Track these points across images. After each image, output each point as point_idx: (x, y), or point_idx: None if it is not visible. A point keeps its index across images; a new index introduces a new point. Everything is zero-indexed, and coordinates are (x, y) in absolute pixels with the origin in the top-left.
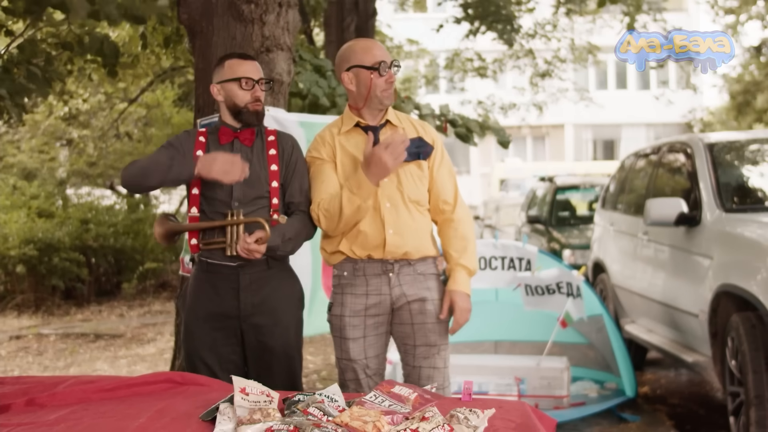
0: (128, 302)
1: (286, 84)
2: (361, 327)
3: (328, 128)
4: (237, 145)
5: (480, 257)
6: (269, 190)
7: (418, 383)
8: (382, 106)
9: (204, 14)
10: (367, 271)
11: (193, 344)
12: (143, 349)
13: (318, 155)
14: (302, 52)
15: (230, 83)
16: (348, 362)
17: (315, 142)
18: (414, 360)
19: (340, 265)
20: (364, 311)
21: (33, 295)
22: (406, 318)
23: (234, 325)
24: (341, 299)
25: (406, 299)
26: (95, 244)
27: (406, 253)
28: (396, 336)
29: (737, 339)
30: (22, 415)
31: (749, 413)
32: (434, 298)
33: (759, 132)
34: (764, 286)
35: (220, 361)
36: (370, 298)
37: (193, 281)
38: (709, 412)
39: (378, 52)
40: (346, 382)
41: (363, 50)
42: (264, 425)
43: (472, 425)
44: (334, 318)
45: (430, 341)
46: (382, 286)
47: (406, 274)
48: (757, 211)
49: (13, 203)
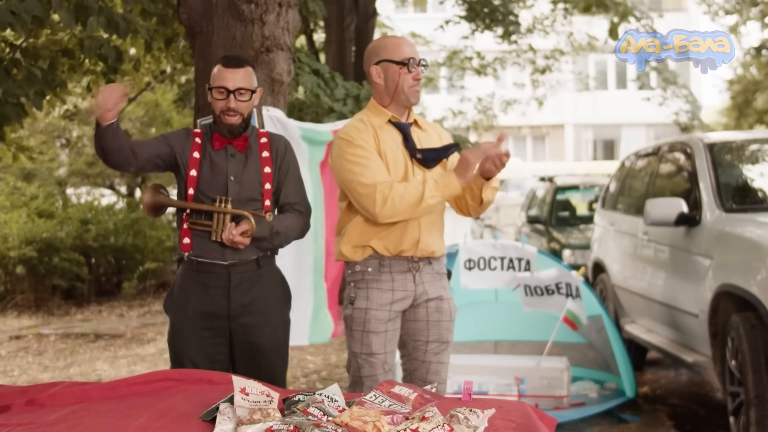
0: (128, 302)
1: (286, 84)
2: (385, 321)
3: (361, 122)
4: (231, 150)
5: (479, 257)
6: (262, 192)
7: (426, 378)
8: (408, 102)
9: (204, 14)
10: (393, 268)
11: (180, 343)
12: (143, 349)
13: (362, 144)
14: (300, 55)
15: (211, 90)
16: (368, 357)
17: (356, 129)
18: (425, 355)
19: (365, 261)
20: (390, 306)
21: (33, 295)
22: (422, 315)
23: (223, 324)
24: (366, 293)
25: (426, 297)
26: (95, 244)
27: (433, 252)
28: (406, 332)
29: (737, 339)
30: (22, 415)
31: (749, 413)
32: (448, 297)
33: (759, 132)
34: (764, 286)
35: (207, 360)
36: (396, 293)
37: (181, 280)
38: (709, 412)
39: (407, 48)
40: (362, 378)
41: (393, 46)
42: (264, 425)
43: (472, 425)
44: (357, 312)
45: (442, 338)
46: (407, 283)
47: (427, 273)
48: (757, 211)
49: (13, 203)
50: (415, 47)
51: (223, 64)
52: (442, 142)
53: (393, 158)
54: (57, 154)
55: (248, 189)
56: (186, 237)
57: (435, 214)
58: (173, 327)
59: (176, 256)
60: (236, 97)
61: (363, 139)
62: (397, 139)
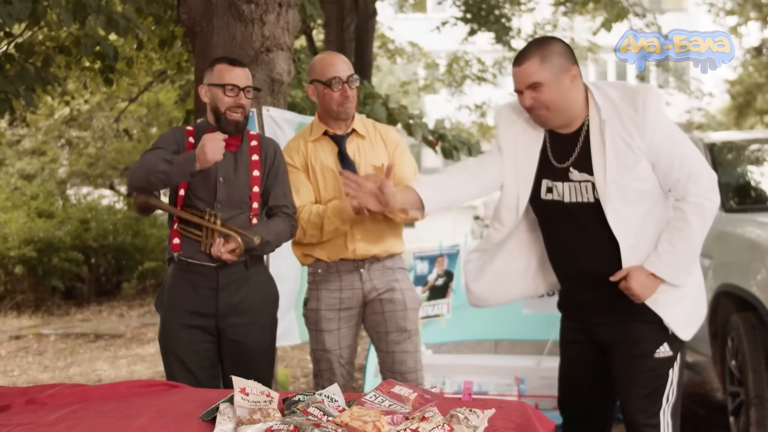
0: (128, 302)
1: (286, 84)
2: (336, 320)
3: (298, 137)
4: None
5: None
6: (250, 194)
7: (392, 368)
8: (340, 118)
9: (204, 14)
10: (340, 269)
11: (170, 341)
12: (143, 349)
13: (292, 162)
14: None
15: (216, 87)
16: (323, 353)
17: (288, 150)
18: (387, 346)
19: (314, 264)
20: (339, 305)
21: (33, 295)
22: (377, 308)
23: (211, 323)
24: (317, 294)
25: (376, 292)
26: (95, 244)
27: (375, 255)
28: (368, 326)
29: (737, 339)
30: (22, 415)
31: (749, 413)
32: (402, 288)
33: (759, 132)
34: (764, 286)
35: (195, 359)
36: (344, 292)
37: (171, 280)
38: (709, 412)
39: (333, 68)
40: (321, 371)
41: (321, 66)
42: (264, 425)
43: (472, 425)
44: (309, 312)
45: (400, 327)
46: (354, 281)
47: (376, 269)
48: (757, 211)
49: (13, 203)
50: (347, 62)
51: (228, 63)
52: (386, 148)
53: (322, 172)
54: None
55: (237, 191)
56: (176, 237)
57: (373, 220)
58: (163, 325)
59: (167, 255)
60: (245, 94)
61: (292, 158)
62: (334, 151)
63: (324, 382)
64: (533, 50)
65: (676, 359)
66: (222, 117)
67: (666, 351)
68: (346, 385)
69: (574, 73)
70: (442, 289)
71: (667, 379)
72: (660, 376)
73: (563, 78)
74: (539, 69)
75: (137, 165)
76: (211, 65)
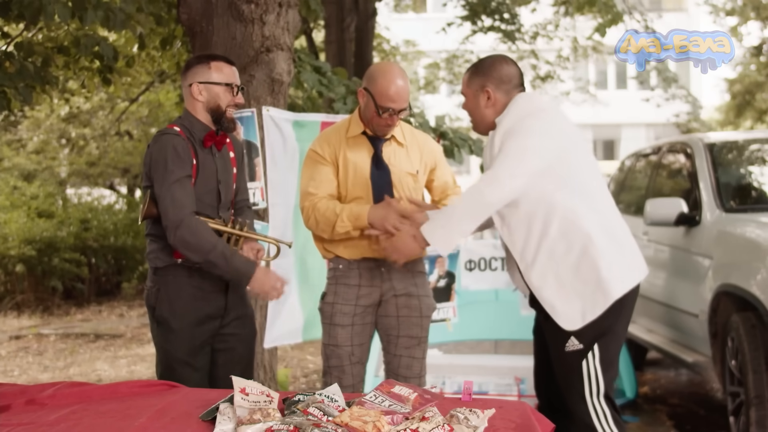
0: (128, 302)
1: (286, 84)
2: (350, 315)
3: (335, 130)
4: (213, 150)
5: (480, 258)
6: (233, 191)
7: (398, 371)
8: (376, 134)
9: (204, 14)
10: (361, 266)
11: (174, 347)
12: (143, 349)
13: (321, 153)
14: (300, 54)
15: (218, 86)
16: (334, 348)
17: (320, 140)
18: (396, 349)
19: (335, 260)
20: (355, 300)
21: (33, 295)
22: (391, 311)
23: (216, 324)
24: (334, 289)
25: (393, 292)
26: (95, 244)
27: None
28: (380, 327)
29: (737, 339)
30: (22, 415)
31: (749, 413)
32: (419, 294)
33: (759, 132)
34: (764, 286)
35: (199, 360)
36: (362, 289)
37: (171, 288)
38: (709, 412)
39: (391, 99)
40: (330, 368)
41: (383, 86)
42: (264, 425)
43: (472, 425)
44: (325, 306)
45: (412, 333)
46: (374, 278)
47: (397, 270)
48: (757, 211)
49: (13, 203)
50: (407, 91)
51: (226, 62)
52: (421, 158)
53: (354, 170)
54: (57, 153)
55: (230, 189)
56: None
57: None
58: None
59: (160, 262)
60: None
61: (322, 150)
62: (370, 152)
63: (332, 380)
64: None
65: (592, 349)
66: (223, 115)
67: (575, 344)
68: (355, 386)
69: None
70: (445, 292)
71: (581, 370)
72: (573, 368)
73: (480, 96)
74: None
75: (183, 226)
76: (204, 61)
